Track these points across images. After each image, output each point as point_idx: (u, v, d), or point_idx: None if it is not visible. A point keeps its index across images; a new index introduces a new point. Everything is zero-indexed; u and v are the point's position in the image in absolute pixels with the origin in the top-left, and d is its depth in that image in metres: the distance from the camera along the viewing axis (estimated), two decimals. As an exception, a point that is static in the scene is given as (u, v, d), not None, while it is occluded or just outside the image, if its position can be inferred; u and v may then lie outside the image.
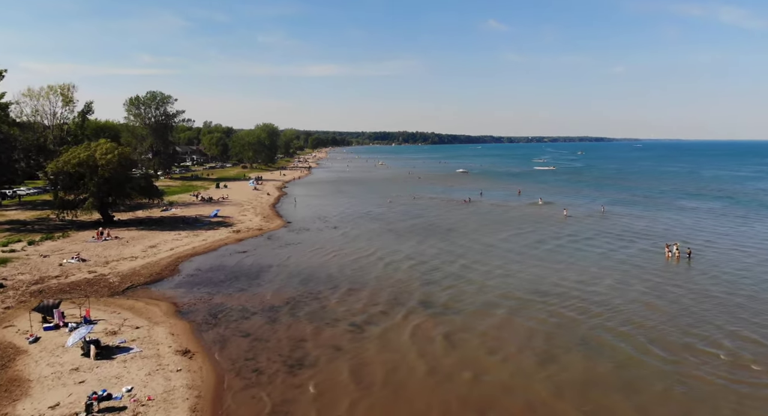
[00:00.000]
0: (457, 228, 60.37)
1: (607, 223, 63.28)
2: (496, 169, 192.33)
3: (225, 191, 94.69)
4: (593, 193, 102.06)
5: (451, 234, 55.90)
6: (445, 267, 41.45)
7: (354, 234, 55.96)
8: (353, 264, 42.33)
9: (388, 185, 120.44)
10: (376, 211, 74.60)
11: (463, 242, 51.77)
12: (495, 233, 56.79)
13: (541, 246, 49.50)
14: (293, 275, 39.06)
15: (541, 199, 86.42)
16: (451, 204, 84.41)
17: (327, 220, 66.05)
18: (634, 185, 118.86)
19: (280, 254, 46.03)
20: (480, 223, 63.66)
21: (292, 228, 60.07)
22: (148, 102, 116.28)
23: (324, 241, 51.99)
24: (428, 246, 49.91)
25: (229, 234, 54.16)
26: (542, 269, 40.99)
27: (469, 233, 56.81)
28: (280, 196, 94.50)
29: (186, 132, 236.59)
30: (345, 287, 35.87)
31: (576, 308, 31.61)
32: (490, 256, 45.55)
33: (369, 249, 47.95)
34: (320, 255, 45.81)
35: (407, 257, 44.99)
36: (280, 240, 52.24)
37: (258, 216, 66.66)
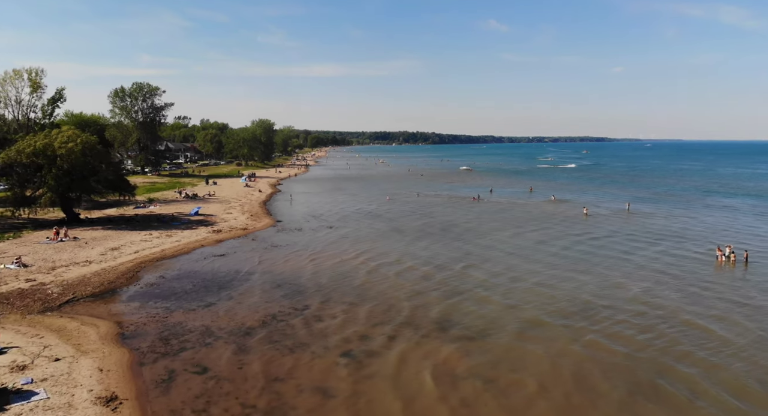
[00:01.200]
0: (470, 227, 53.21)
1: (638, 223, 56.10)
2: (501, 166, 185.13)
3: (212, 188, 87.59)
4: (609, 190, 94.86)
5: (465, 235, 48.73)
6: (465, 276, 34.25)
7: (353, 235, 48.83)
8: (351, 273, 35.16)
9: (389, 182, 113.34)
10: (378, 209, 67.49)
11: (480, 244, 44.62)
12: (514, 234, 49.65)
13: (571, 250, 42.33)
14: (276, 285, 31.91)
15: (554, 196, 79.77)
16: (459, 201, 77.25)
17: (323, 219, 58.92)
18: (652, 182, 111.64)
19: (264, 259, 38.86)
20: (495, 222, 56.49)
21: (282, 227, 52.93)
22: (134, 94, 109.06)
23: (317, 243, 44.85)
24: (440, 249, 42.75)
25: (208, 235, 47.03)
26: (581, 278, 33.83)
27: (486, 233, 49.64)
28: (273, 193, 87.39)
29: (181, 129, 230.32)
30: (340, 302, 28.72)
31: (640, 329, 24.46)
32: (515, 262, 38.38)
33: (370, 254, 40.78)
34: (311, 260, 38.64)
35: (416, 263, 37.83)
36: (266, 242, 45.08)
37: (245, 215, 59.53)
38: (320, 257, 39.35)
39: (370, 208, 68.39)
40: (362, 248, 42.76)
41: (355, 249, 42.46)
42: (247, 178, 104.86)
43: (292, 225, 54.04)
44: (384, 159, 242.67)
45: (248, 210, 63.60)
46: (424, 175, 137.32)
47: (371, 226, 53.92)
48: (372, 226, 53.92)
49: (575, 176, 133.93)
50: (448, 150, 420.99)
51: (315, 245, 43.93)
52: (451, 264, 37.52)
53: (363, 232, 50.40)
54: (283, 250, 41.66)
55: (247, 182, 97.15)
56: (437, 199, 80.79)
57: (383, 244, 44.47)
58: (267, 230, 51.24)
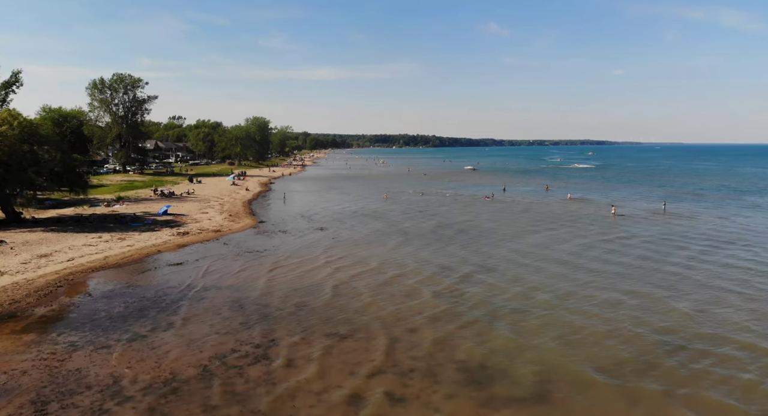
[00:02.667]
0: (487, 229, 44.73)
1: (682, 225, 47.65)
2: (506, 166, 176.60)
3: (194, 186, 79.18)
4: (631, 189, 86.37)
5: (483, 239, 40.21)
6: (492, 295, 25.70)
7: (346, 239, 40.39)
8: (342, 290, 26.64)
9: (389, 181, 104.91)
10: (377, 209, 59.05)
11: (502, 251, 36.11)
12: (540, 238, 41.18)
13: (615, 259, 33.88)
14: (237, 307, 23.44)
15: (570, 195, 71.61)
16: (471, 200, 68.78)
17: (313, 219, 50.50)
18: (674, 181, 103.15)
19: (230, 269, 30.39)
20: (515, 224, 48.01)
21: (264, 229, 44.48)
22: (114, 85, 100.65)
23: (302, 249, 36.40)
24: (454, 256, 34.26)
25: (170, 238, 38.55)
26: (639, 293, 25.38)
27: (507, 237, 41.12)
28: (262, 192, 78.95)
29: (175, 129, 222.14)
30: (322, 334, 20.26)
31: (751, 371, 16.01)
32: (550, 273, 29.91)
33: (366, 263, 32.27)
34: (291, 271, 30.15)
35: (427, 276, 29.33)
36: (239, 247, 36.60)
37: (222, 214, 51.05)
38: (302, 267, 30.85)
39: (370, 208, 59.96)
40: (358, 256, 34.29)
41: (348, 256, 33.97)
42: (235, 177, 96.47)
43: (276, 227, 45.59)
44: (384, 159, 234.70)
45: (228, 209, 55.13)
46: (427, 175, 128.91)
47: (370, 228, 45.47)
48: (371, 228, 45.47)
49: (589, 175, 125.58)
50: (449, 152, 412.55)
51: (298, 251, 35.45)
52: (472, 278, 29.04)
53: (360, 235, 41.94)
54: (258, 258, 33.15)
55: (234, 181, 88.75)
56: (444, 197, 72.37)
57: (384, 251, 35.97)
58: (245, 232, 42.77)
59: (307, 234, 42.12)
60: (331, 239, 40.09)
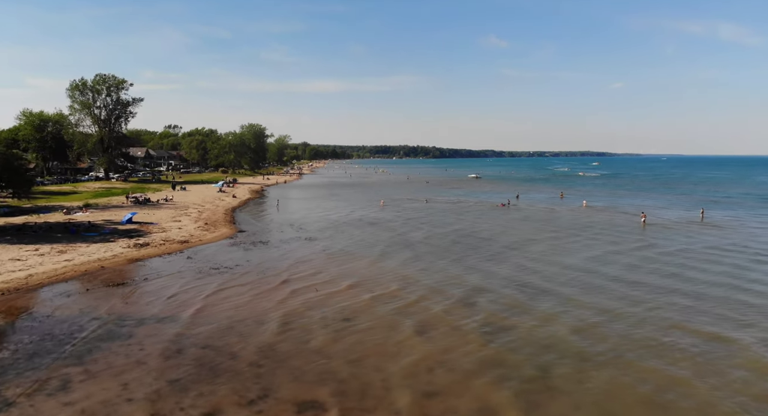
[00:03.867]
0: (509, 241, 37.75)
1: (727, 236, 40.72)
2: (511, 175, 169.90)
3: (176, 193, 72.36)
4: (648, 196, 79.39)
5: (506, 253, 33.19)
6: (541, 334, 18.62)
7: (339, 251, 33.45)
8: (330, 323, 19.57)
9: (390, 188, 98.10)
10: (377, 216, 52.16)
11: (534, 266, 29.08)
12: (573, 250, 34.23)
13: (674, 280, 26.89)
14: (174, 352, 16.40)
15: (585, 202, 64.94)
16: (482, 208, 61.83)
17: (303, 228, 43.60)
18: (695, 189, 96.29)
19: (187, 292, 23.38)
20: (540, 234, 41.03)
21: (241, 240, 37.50)
22: (97, 87, 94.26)
23: (283, 264, 29.41)
24: (476, 274, 27.23)
25: (124, 251, 31.57)
26: (729, 339, 18.40)
27: (536, 251, 34.09)
28: (251, 199, 72.06)
29: (170, 138, 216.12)
30: (294, 403, 13.20)
31: None
32: (605, 297, 22.91)
33: (362, 285, 25.22)
34: (262, 295, 23.10)
35: (444, 307, 22.22)
36: (204, 262, 29.60)
37: (197, 223, 44.09)
38: (279, 290, 23.81)
39: (370, 216, 53.05)
40: (352, 273, 27.30)
41: (339, 275, 26.94)
42: (224, 184, 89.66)
43: (256, 237, 38.61)
44: (385, 168, 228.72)
45: (206, 217, 48.20)
46: (429, 182, 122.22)
47: (367, 238, 38.50)
48: (369, 238, 38.51)
49: (598, 183, 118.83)
50: (449, 163, 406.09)
51: (277, 267, 28.44)
52: (504, 303, 22.01)
53: (355, 247, 34.99)
54: (223, 276, 26.12)
55: (221, 188, 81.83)
56: (451, 205, 65.45)
57: (385, 268, 28.96)
58: (217, 243, 35.77)
59: (291, 246, 35.14)
60: (320, 251, 33.14)
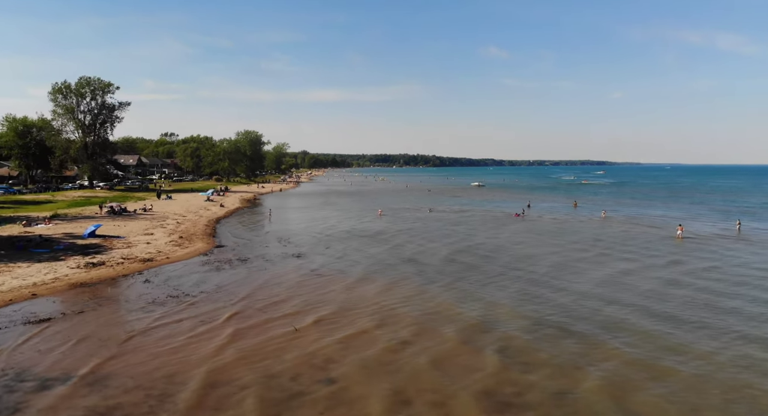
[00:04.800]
0: (531, 258, 32.38)
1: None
2: (515, 183, 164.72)
3: (158, 202, 67.11)
4: (665, 206, 74.06)
5: (529, 274, 27.81)
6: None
7: (318, 270, 28.12)
8: (266, 392, 13.99)
9: (390, 197, 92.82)
10: (373, 228, 46.82)
11: (587, 304, 23.63)
12: (613, 271, 28.86)
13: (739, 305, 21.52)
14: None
15: (605, 212, 59.50)
16: (495, 218, 56.43)
17: (293, 241, 38.28)
18: (712, 199, 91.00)
19: (108, 330, 17.97)
20: (566, 250, 35.65)
21: (217, 257, 32.09)
22: (80, 90, 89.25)
23: (243, 289, 23.98)
24: (510, 313, 21.75)
25: (71, 272, 26.18)
26: None
27: (567, 271, 28.72)
28: (239, 209, 66.72)
29: (166, 145, 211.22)
30: None
31: None
32: (692, 343, 17.51)
33: (332, 320, 19.73)
34: (199, 338, 17.52)
35: (443, 350, 16.80)
36: (162, 287, 24.17)
37: (171, 237, 38.70)
38: (221, 329, 18.28)
39: (370, 227, 47.73)
40: (323, 301, 21.93)
41: (305, 305, 21.50)
42: (214, 192, 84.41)
43: (235, 253, 33.25)
44: (385, 177, 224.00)
45: (184, 230, 42.83)
46: (431, 190, 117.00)
47: (366, 255, 33.14)
48: (367, 255, 33.14)
49: (610, 192, 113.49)
50: (450, 172, 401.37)
51: (236, 293, 23.00)
52: (562, 358, 16.59)
53: (339, 263, 29.67)
54: (164, 308, 20.68)
55: (209, 196, 76.49)
56: (458, 215, 60.09)
57: (365, 295, 23.53)
58: (187, 262, 30.37)
59: (267, 264, 29.79)
60: (295, 270, 27.83)
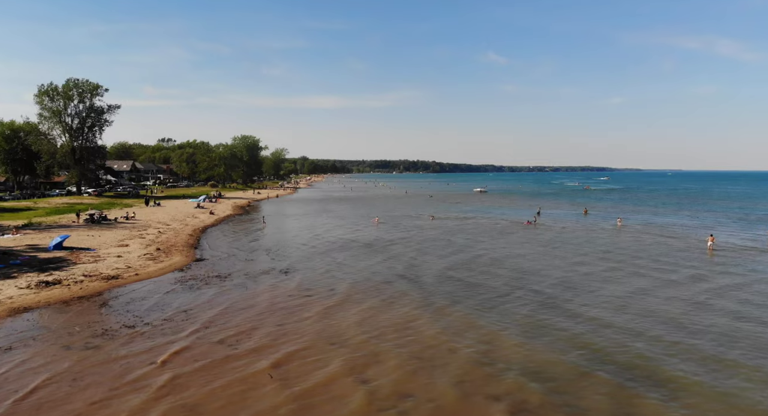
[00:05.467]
0: (550, 276, 28.51)
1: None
2: (519, 189, 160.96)
3: (146, 209, 63.33)
4: (682, 213, 70.22)
5: (559, 301, 23.90)
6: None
7: (313, 292, 24.19)
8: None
9: (390, 204, 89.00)
10: (371, 237, 42.97)
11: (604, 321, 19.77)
12: (649, 290, 25.00)
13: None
14: None
15: (620, 220, 55.32)
16: (500, 226, 52.57)
17: (282, 253, 34.45)
18: (727, 205, 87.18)
19: (23, 381, 14.05)
20: (589, 265, 31.80)
21: (194, 273, 28.21)
22: (68, 92, 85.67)
23: (202, 316, 20.11)
24: (520, 339, 17.91)
25: (18, 294, 22.32)
26: None
27: (596, 295, 24.84)
28: (230, 217, 62.85)
29: (163, 151, 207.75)
30: None
31: None
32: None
33: (295, 365, 15.85)
34: (109, 400, 13.64)
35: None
36: (119, 312, 20.31)
37: (147, 249, 34.84)
38: (145, 382, 14.37)
39: (362, 236, 43.89)
40: (291, 334, 18.04)
41: (268, 340, 17.59)
42: (206, 199, 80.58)
43: (215, 269, 29.38)
44: (385, 182, 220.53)
45: (164, 240, 38.97)
46: (433, 196, 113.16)
47: (355, 270, 29.27)
48: (356, 269, 29.27)
49: (617, 198, 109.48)
50: (450, 178, 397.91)
51: (191, 321, 19.14)
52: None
53: (322, 281, 25.77)
54: (118, 344, 16.78)
55: (200, 203, 72.64)
56: (461, 222, 56.23)
57: (344, 324, 19.66)
58: (158, 279, 26.49)
59: (255, 281, 25.93)
60: (268, 291, 23.94)
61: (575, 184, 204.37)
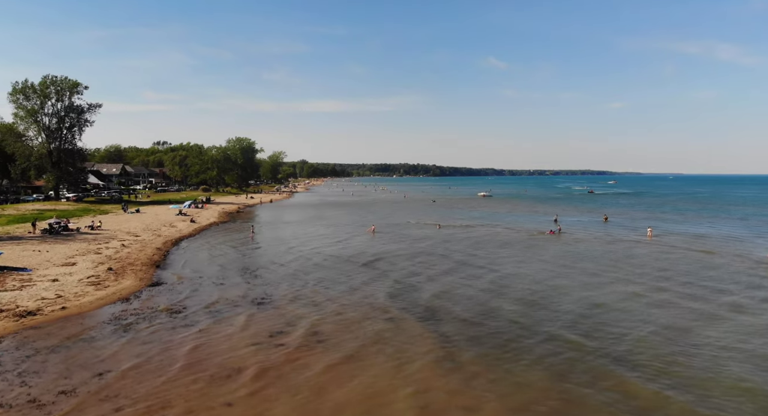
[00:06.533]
0: (600, 312, 22.40)
1: None
2: (523, 193, 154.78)
3: (117, 217, 57.17)
4: (711, 220, 64.08)
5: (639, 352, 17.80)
6: None
7: (256, 340, 18.03)
8: None
9: (390, 210, 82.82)
10: (374, 251, 36.79)
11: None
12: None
13: None
14: None
15: (651, 229, 48.65)
16: (516, 237, 46.34)
17: (259, 274, 28.31)
18: (753, 211, 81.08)
19: None
20: (656, 298, 25.68)
21: (141, 305, 22.01)
22: (45, 91, 79.66)
23: (89, 388, 13.90)
24: None
25: None
26: None
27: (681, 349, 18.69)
28: (213, 225, 56.63)
29: (157, 154, 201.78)
30: None
31: None
32: None
33: None
34: None
35: None
36: (2, 378, 14.17)
37: (96, 268, 28.65)
38: None
39: (361, 249, 37.73)
40: None
41: None
42: (192, 204, 74.40)
43: (171, 296, 23.21)
44: (385, 186, 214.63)
45: (123, 257, 32.79)
46: (436, 201, 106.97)
47: (326, 298, 23.08)
48: (328, 298, 23.09)
49: (632, 203, 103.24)
50: (451, 181, 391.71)
51: (78, 410, 12.98)
52: None
53: (298, 319, 19.62)
54: None
55: (182, 210, 66.36)
56: (473, 232, 50.02)
57: (344, 410, 13.49)
58: (93, 313, 20.30)
59: (214, 318, 19.74)
60: (248, 339, 17.75)
61: (582, 188, 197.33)
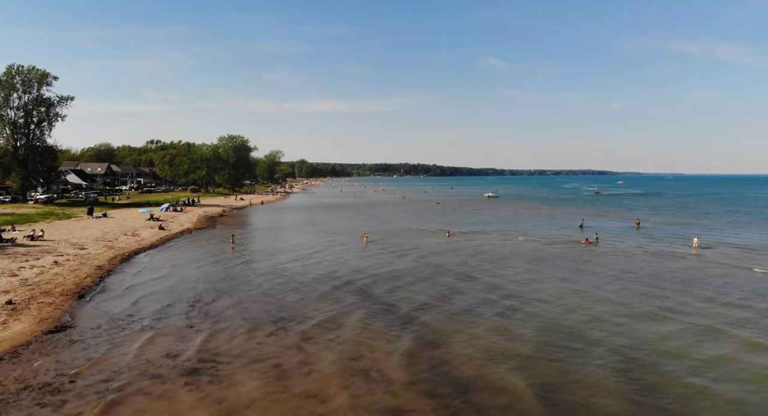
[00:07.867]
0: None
1: None
2: (530, 194, 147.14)
3: (78, 222, 49.56)
4: (754, 225, 56.54)
5: None
6: None
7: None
8: None
9: (390, 212, 75.22)
10: (373, 269, 29.24)
11: None
12: None
13: None
14: None
15: (697, 241, 40.27)
16: (545, 248, 38.65)
17: (211, 309, 20.78)
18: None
19: None
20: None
21: (17, 367, 14.50)
22: (10, 81, 72.14)
23: None
24: None
25: None
26: None
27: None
28: (184, 233, 48.97)
29: (149, 153, 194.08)
30: None
31: None
32: None
33: None
34: None
35: None
36: None
37: (9, 296, 21.11)
38: None
39: (358, 265, 30.19)
40: None
41: None
42: (170, 206, 66.78)
43: (71, 353, 15.69)
44: (385, 186, 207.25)
45: (42, 281, 25.25)
46: (440, 203, 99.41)
47: (286, 346, 15.54)
48: (287, 346, 15.54)
49: (650, 205, 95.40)
50: (452, 181, 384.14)
51: None
52: None
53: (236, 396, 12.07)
54: None
55: (152, 214, 58.53)
56: (490, 241, 42.37)
57: None
58: None
59: (115, 409, 12.20)
60: None
61: (592, 188, 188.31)
